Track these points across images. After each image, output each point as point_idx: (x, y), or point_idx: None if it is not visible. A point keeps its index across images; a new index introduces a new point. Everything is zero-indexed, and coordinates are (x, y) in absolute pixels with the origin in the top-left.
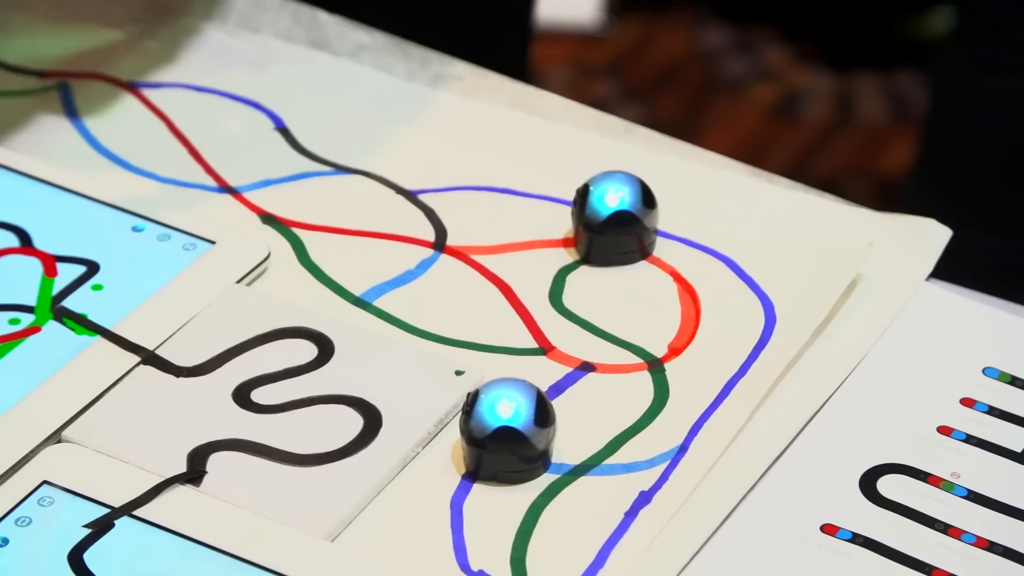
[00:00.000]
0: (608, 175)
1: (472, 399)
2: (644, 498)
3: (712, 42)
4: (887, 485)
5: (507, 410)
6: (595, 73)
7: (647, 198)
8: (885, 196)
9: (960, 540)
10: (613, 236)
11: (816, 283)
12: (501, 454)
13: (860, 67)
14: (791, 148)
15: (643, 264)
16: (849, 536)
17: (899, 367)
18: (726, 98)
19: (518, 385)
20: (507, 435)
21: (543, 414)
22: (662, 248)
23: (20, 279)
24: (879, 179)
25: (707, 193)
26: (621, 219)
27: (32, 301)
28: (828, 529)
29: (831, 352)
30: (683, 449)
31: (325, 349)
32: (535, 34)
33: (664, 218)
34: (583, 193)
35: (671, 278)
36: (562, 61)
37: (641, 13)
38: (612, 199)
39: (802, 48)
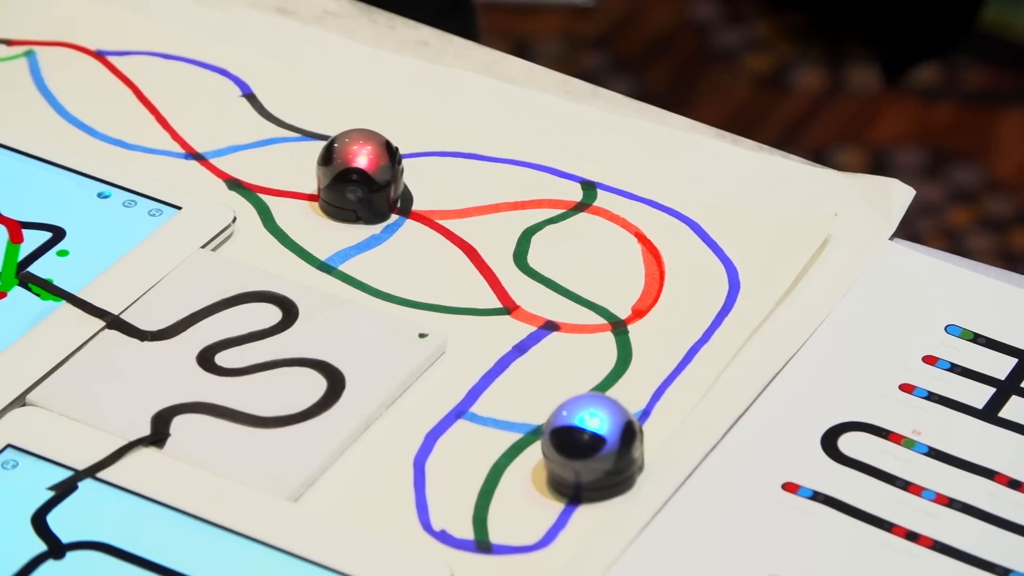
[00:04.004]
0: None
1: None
2: None
3: (703, 13)
4: (848, 443)
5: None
6: (585, 45)
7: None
8: (877, 166)
9: (920, 497)
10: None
11: (781, 251)
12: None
13: (851, 37)
14: (783, 118)
15: (608, 225)
16: (810, 494)
17: (862, 325)
18: (717, 69)
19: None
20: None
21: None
22: (627, 209)
23: None
24: (871, 148)
25: (673, 155)
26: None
27: None
28: (789, 487)
29: (794, 311)
30: (645, 414)
31: (289, 313)
32: (524, 6)
33: (630, 180)
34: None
35: (636, 239)
36: (552, 34)
37: None
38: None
39: (792, 18)
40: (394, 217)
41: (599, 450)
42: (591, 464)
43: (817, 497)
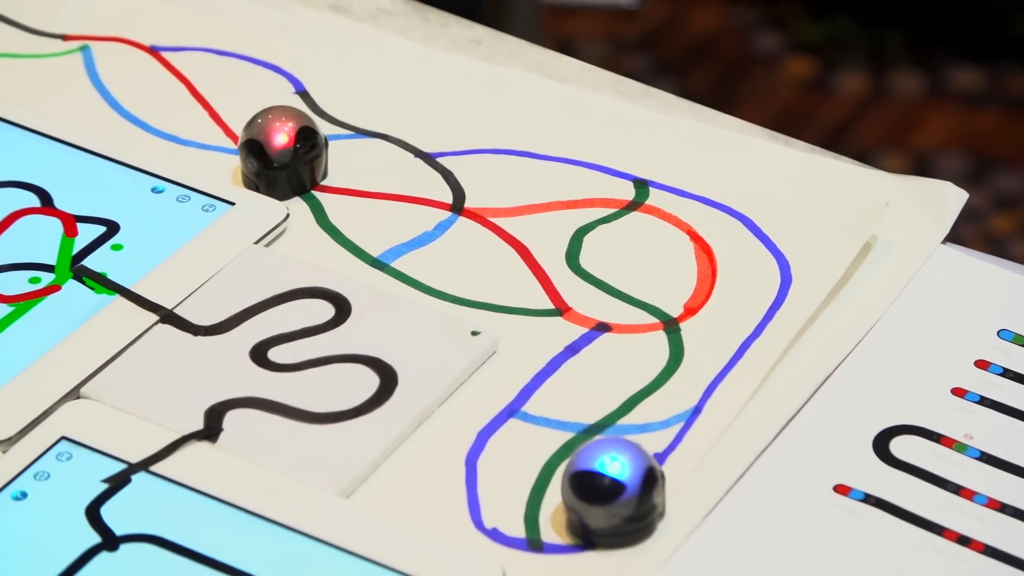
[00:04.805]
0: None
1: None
2: (658, 459)
3: (745, 16)
4: (900, 446)
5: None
6: (628, 47)
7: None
8: (919, 171)
9: (972, 501)
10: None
11: (832, 242)
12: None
13: (895, 41)
14: (825, 123)
15: (660, 224)
16: (861, 496)
17: (914, 329)
18: (759, 73)
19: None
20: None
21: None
22: (679, 207)
23: (41, 239)
24: (914, 154)
25: (724, 154)
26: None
27: (52, 260)
28: (841, 489)
29: (847, 313)
30: (697, 410)
31: (342, 309)
32: (567, 7)
33: (681, 178)
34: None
35: (688, 237)
36: (595, 35)
37: None
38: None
39: (835, 22)
40: (447, 214)
41: (617, 497)
42: (609, 510)
43: (869, 500)
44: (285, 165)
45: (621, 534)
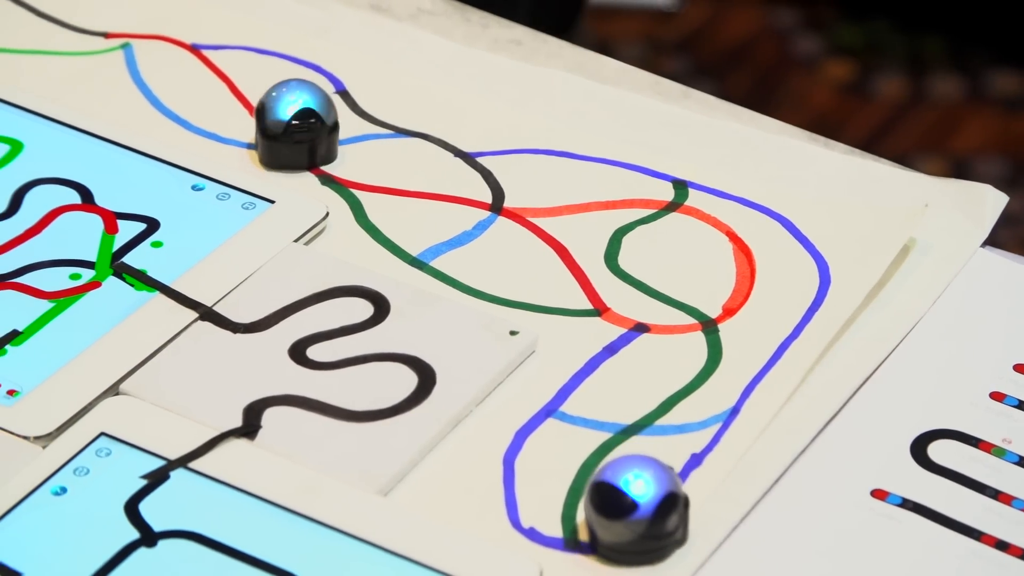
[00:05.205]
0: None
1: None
2: (695, 460)
3: (783, 19)
4: (938, 450)
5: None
6: (666, 50)
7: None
8: (957, 176)
9: (1010, 506)
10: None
11: (871, 244)
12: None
13: (933, 45)
14: (863, 126)
15: (699, 224)
16: (899, 501)
17: (953, 332)
18: (797, 76)
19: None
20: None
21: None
22: (719, 208)
23: (81, 235)
24: (952, 158)
25: (763, 156)
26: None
27: (93, 257)
28: (878, 494)
29: (885, 316)
30: (735, 411)
31: (381, 308)
32: (606, 9)
33: (721, 179)
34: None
35: (727, 238)
36: (633, 37)
37: None
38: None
39: (874, 25)
40: (486, 214)
41: (629, 513)
42: (620, 526)
43: (906, 504)
44: (276, 136)
45: (628, 552)
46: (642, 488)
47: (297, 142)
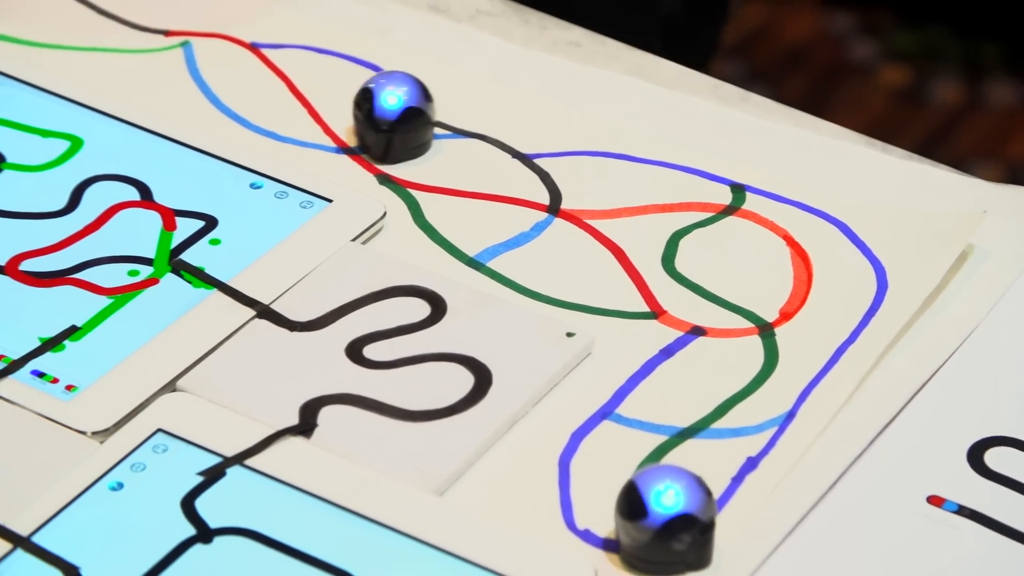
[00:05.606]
0: (385, 76)
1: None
2: (751, 463)
3: (840, 24)
4: (995, 457)
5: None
6: (722, 53)
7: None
8: (1014, 182)
9: None
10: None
11: (929, 249)
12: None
13: (990, 51)
14: (919, 132)
15: (757, 228)
16: (955, 508)
17: (1010, 339)
18: (853, 81)
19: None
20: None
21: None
22: (776, 212)
23: (140, 232)
24: (1008, 165)
25: (822, 160)
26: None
27: (151, 253)
28: (934, 500)
29: (943, 321)
30: (791, 415)
31: (438, 308)
32: None
33: (779, 183)
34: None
35: (784, 242)
36: None
37: None
38: (393, 99)
39: (931, 31)
40: (543, 215)
41: (640, 518)
42: (633, 528)
43: (963, 511)
44: (367, 116)
45: (636, 557)
46: (669, 499)
47: (372, 138)
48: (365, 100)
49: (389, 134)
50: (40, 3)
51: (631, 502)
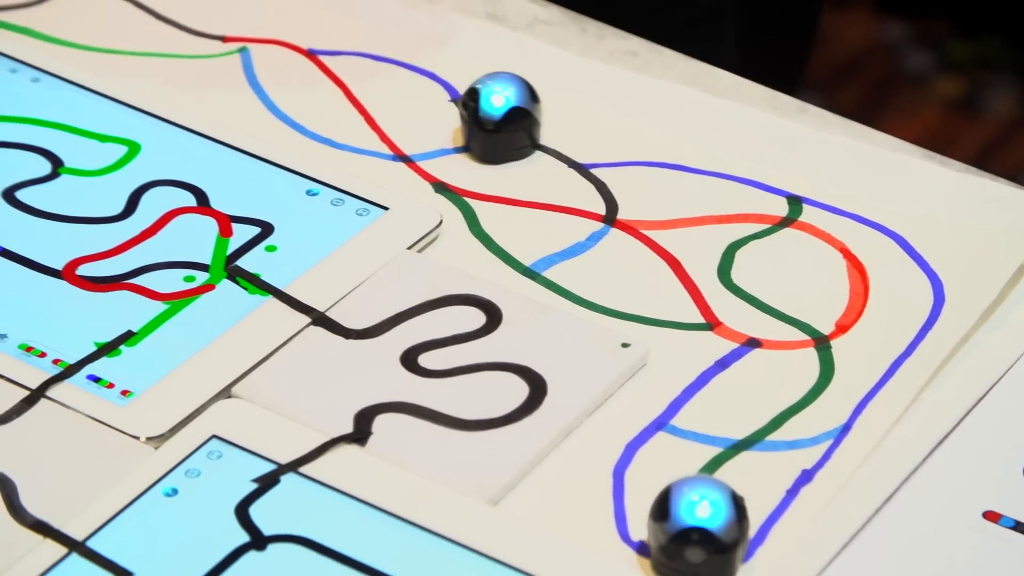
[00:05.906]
0: (492, 76)
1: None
2: (806, 476)
3: (894, 35)
4: None
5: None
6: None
7: (533, 94)
8: None
9: None
10: (507, 133)
11: (986, 263)
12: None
13: None
14: (973, 143)
15: (813, 241)
16: (1012, 524)
17: None
18: (907, 92)
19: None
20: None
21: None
22: (833, 224)
23: (196, 238)
24: None
25: (879, 173)
26: (513, 116)
27: (207, 259)
28: (990, 516)
29: (999, 336)
30: (847, 428)
31: (493, 317)
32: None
33: (836, 195)
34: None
35: (840, 255)
36: None
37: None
38: (499, 100)
39: (986, 42)
40: (599, 225)
41: (662, 520)
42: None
43: (1020, 528)
44: (472, 111)
45: (656, 558)
46: (695, 510)
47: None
48: (471, 99)
49: (494, 134)
50: (99, 8)
51: (660, 503)
